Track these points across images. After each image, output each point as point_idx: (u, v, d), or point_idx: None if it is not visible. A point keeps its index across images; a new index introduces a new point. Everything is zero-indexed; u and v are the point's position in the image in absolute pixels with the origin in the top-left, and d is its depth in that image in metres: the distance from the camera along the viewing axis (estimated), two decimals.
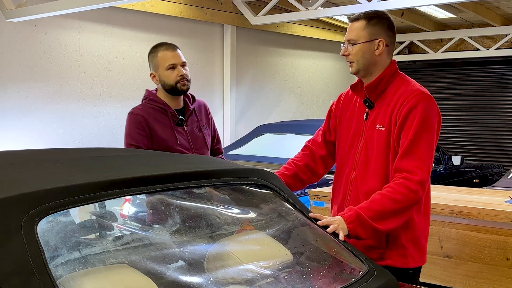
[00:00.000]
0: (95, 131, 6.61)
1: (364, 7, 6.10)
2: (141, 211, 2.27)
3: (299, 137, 5.85)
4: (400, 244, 2.33)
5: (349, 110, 2.52)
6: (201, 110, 3.10)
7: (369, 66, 2.36)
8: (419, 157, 2.23)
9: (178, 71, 2.90)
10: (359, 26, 2.34)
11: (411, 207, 2.22)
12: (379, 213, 2.15)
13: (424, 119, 2.25)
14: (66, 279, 1.49)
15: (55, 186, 1.51)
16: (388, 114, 2.33)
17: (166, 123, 2.92)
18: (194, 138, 2.97)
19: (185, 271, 1.77)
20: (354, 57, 2.35)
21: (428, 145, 2.25)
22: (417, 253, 2.37)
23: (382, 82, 2.36)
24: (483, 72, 10.40)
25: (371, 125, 2.38)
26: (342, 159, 2.51)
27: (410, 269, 2.36)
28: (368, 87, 2.39)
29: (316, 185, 4.72)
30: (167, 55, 2.93)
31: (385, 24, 2.36)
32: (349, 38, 2.36)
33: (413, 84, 2.37)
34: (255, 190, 2.13)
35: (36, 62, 6.08)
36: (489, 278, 3.10)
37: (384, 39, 2.34)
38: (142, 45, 7.04)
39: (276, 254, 1.90)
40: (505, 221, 3.02)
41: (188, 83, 2.94)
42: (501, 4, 8.35)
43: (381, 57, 2.35)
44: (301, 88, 9.61)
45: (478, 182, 7.19)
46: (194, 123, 3.02)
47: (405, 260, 2.34)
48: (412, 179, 2.20)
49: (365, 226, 2.13)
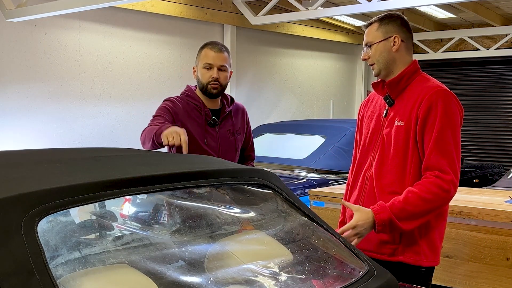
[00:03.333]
0: (95, 131, 6.61)
1: (364, 7, 6.10)
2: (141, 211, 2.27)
3: (299, 137, 5.85)
4: (414, 241, 2.34)
5: (371, 109, 2.57)
6: (238, 114, 3.06)
7: (389, 64, 2.40)
8: (448, 155, 2.26)
9: (212, 73, 2.87)
10: (373, 28, 2.41)
11: (442, 206, 2.27)
12: (411, 214, 2.20)
13: (446, 115, 2.27)
14: (66, 279, 1.49)
15: (55, 186, 1.51)
16: (408, 110, 2.35)
17: (199, 121, 2.90)
18: (224, 141, 2.94)
19: (185, 271, 1.77)
20: (373, 58, 2.41)
21: (454, 141, 2.28)
22: (430, 252, 2.37)
23: (403, 79, 2.40)
24: (483, 72, 10.40)
25: (390, 121, 2.41)
26: (361, 156, 2.55)
27: (422, 268, 2.37)
28: (389, 83, 2.42)
29: (316, 185, 4.73)
30: (209, 54, 2.90)
31: (397, 21, 2.41)
32: (366, 42, 2.43)
33: (433, 81, 2.40)
34: (255, 190, 2.13)
35: (36, 62, 6.08)
36: (489, 278, 3.10)
37: (399, 35, 2.39)
38: (142, 45, 7.04)
39: (276, 254, 1.90)
40: (505, 221, 3.02)
41: (220, 87, 2.90)
42: (501, 4, 8.35)
43: (399, 53, 2.40)
44: (301, 88, 9.61)
45: (478, 182, 7.18)
46: (228, 127, 2.98)
47: (417, 257, 2.35)
48: (444, 178, 2.23)
49: (393, 229, 2.19)
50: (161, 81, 7.30)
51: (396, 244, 2.35)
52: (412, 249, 2.34)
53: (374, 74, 2.46)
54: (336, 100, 10.36)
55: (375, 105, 2.55)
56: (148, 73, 7.13)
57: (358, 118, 2.68)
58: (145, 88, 7.12)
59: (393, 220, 2.18)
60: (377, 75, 2.45)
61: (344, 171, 5.14)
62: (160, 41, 7.25)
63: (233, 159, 2.95)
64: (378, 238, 2.37)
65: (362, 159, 2.52)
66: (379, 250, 2.40)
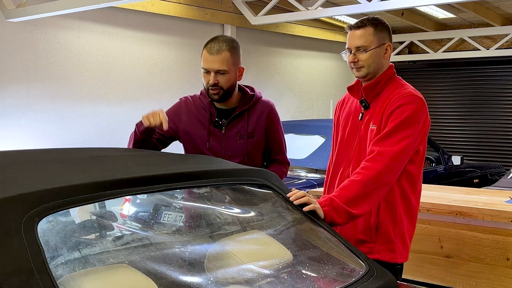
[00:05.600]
0: (95, 131, 6.61)
1: (364, 7, 6.10)
2: (141, 211, 2.27)
3: (299, 137, 5.85)
4: (389, 238, 2.41)
5: (346, 110, 2.63)
6: (258, 114, 2.76)
7: (377, 70, 2.46)
8: (391, 144, 2.30)
9: (209, 78, 2.63)
10: (368, 32, 2.42)
11: (380, 187, 2.27)
12: (351, 198, 2.21)
13: (408, 116, 2.32)
14: (66, 279, 1.49)
15: (55, 186, 1.51)
16: (380, 114, 2.42)
17: (204, 122, 2.72)
18: (229, 145, 2.70)
19: (185, 271, 1.77)
20: (365, 62, 2.43)
21: (403, 137, 2.30)
22: (403, 249, 2.46)
23: (380, 84, 2.47)
24: (483, 72, 10.40)
25: (366, 125, 2.48)
26: (338, 157, 2.61)
27: (397, 265, 2.46)
28: (365, 88, 2.48)
29: (316, 185, 4.73)
30: (206, 57, 2.64)
31: (387, 28, 2.49)
32: (359, 45, 2.42)
33: (407, 87, 2.46)
34: (255, 190, 2.13)
35: (36, 62, 6.08)
36: (489, 278, 3.10)
37: (390, 43, 2.48)
38: (142, 45, 7.04)
39: (276, 254, 1.90)
40: (505, 221, 3.02)
41: (222, 91, 2.64)
42: (501, 4, 8.35)
43: (386, 60, 2.48)
44: (301, 88, 9.61)
45: (478, 182, 7.19)
46: (238, 128, 2.72)
47: (393, 255, 2.43)
48: (379, 160, 2.27)
49: (338, 210, 2.17)
50: (161, 81, 7.30)
51: (372, 242, 2.42)
52: (388, 247, 2.41)
53: (358, 75, 2.47)
54: (336, 100, 10.32)
55: (351, 106, 2.60)
56: (148, 73, 7.13)
57: (334, 118, 2.74)
58: (145, 88, 7.12)
59: (334, 201, 2.18)
60: (363, 77, 2.47)
61: None
62: (160, 41, 7.25)
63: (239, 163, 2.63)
64: (356, 237, 2.44)
65: (340, 159, 2.58)
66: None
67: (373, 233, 2.42)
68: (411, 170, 2.42)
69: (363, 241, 2.43)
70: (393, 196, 2.40)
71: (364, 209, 2.24)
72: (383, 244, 2.41)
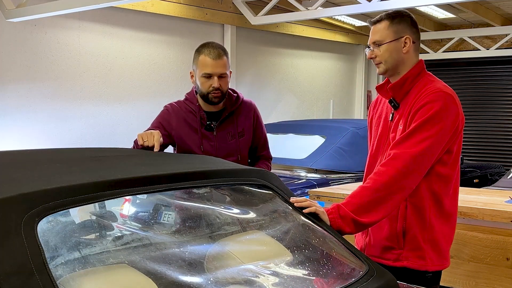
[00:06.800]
0: (95, 131, 6.61)
1: (364, 7, 6.10)
2: (141, 211, 2.27)
3: (299, 137, 5.85)
4: (417, 245, 2.27)
5: (379, 111, 2.49)
6: (244, 113, 2.91)
7: (398, 65, 2.32)
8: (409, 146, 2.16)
9: (212, 82, 2.72)
10: (383, 26, 2.30)
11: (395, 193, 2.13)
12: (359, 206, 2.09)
13: (432, 115, 2.17)
14: (66, 279, 1.49)
15: (55, 186, 1.51)
16: (407, 113, 2.27)
17: (194, 125, 2.82)
18: (222, 145, 2.82)
19: (185, 271, 1.77)
20: (381, 58, 2.31)
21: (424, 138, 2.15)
22: (436, 256, 2.31)
23: (407, 81, 2.31)
24: (483, 72, 10.40)
25: (395, 125, 2.33)
26: (371, 159, 2.47)
27: (428, 273, 2.31)
28: (392, 87, 2.33)
29: (316, 185, 4.73)
30: (207, 62, 2.72)
31: (408, 21, 2.32)
32: (374, 40, 2.32)
33: (437, 83, 2.30)
34: (255, 190, 2.13)
35: (36, 62, 6.08)
36: (489, 278, 3.10)
37: (410, 36, 2.30)
38: (142, 45, 7.04)
39: (276, 254, 1.90)
40: (505, 221, 3.02)
41: (223, 95, 2.78)
42: (501, 4, 8.35)
43: (408, 55, 2.31)
44: (301, 88, 9.61)
45: (478, 182, 7.18)
46: (229, 129, 2.85)
47: (423, 262, 2.28)
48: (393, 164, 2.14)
49: (345, 218, 2.07)
50: (161, 81, 7.30)
51: (400, 249, 2.29)
52: (416, 254, 2.28)
53: (378, 72, 2.37)
54: (336, 100, 10.36)
55: (383, 107, 2.47)
56: (148, 73, 7.13)
57: (368, 120, 2.60)
58: (145, 88, 7.12)
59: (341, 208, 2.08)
60: (383, 74, 2.36)
61: (344, 171, 5.15)
62: (160, 41, 7.25)
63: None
64: (382, 244, 2.32)
65: (373, 161, 2.45)
66: (384, 256, 2.34)
67: (400, 239, 2.28)
68: (442, 172, 2.26)
69: (389, 248, 2.31)
70: (421, 200, 2.26)
71: (375, 217, 2.11)
72: (411, 250, 2.28)
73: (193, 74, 2.84)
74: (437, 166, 2.24)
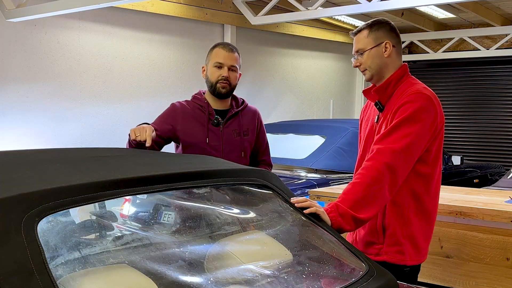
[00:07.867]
0: (95, 131, 6.61)
1: (364, 7, 6.10)
2: (141, 211, 2.27)
3: (299, 137, 5.85)
4: (396, 240, 2.37)
5: (367, 114, 2.62)
6: (249, 116, 3.05)
7: (382, 69, 2.44)
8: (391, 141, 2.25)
9: (223, 71, 2.89)
10: (363, 35, 2.44)
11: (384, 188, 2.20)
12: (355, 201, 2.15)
13: (410, 114, 2.27)
14: (66, 279, 1.49)
15: (55, 186, 1.51)
16: (389, 114, 2.38)
17: (201, 121, 2.92)
18: (227, 141, 2.93)
19: (185, 271, 1.77)
20: (365, 64, 2.44)
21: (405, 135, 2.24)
22: (414, 252, 2.40)
23: (391, 84, 2.43)
24: (483, 72, 10.40)
25: (380, 127, 2.44)
26: (360, 162, 2.56)
27: (406, 267, 2.40)
28: (377, 90, 2.45)
29: (316, 185, 4.73)
30: (220, 53, 2.91)
31: (386, 27, 2.45)
32: (357, 49, 2.46)
33: (417, 85, 2.41)
34: (255, 190, 2.13)
35: (36, 62, 6.08)
36: (488, 278, 3.10)
37: (390, 41, 2.42)
38: (142, 45, 7.04)
39: (276, 254, 1.90)
40: (505, 221, 3.02)
41: (229, 87, 2.91)
42: (501, 4, 8.35)
43: (390, 58, 2.43)
44: (301, 88, 9.61)
45: (478, 182, 7.19)
46: (234, 127, 2.97)
47: (401, 257, 2.38)
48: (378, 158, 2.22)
49: (344, 216, 2.12)
50: (161, 81, 7.30)
51: (380, 244, 2.40)
52: (396, 249, 2.38)
53: (366, 79, 2.50)
54: (336, 100, 10.36)
55: (371, 110, 2.59)
56: (148, 73, 7.13)
57: (359, 123, 2.72)
58: (145, 88, 7.11)
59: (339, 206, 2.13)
60: (369, 80, 2.49)
61: (344, 171, 5.14)
62: (160, 41, 7.25)
63: (238, 159, 2.91)
64: (365, 239, 2.43)
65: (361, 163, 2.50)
66: (366, 250, 2.43)
67: (380, 234, 2.39)
68: (422, 170, 2.36)
69: (371, 243, 2.42)
70: (400, 197, 2.35)
71: (371, 212, 2.18)
72: (390, 245, 2.38)
73: (205, 68, 2.99)
74: (416, 165, 2.33)
